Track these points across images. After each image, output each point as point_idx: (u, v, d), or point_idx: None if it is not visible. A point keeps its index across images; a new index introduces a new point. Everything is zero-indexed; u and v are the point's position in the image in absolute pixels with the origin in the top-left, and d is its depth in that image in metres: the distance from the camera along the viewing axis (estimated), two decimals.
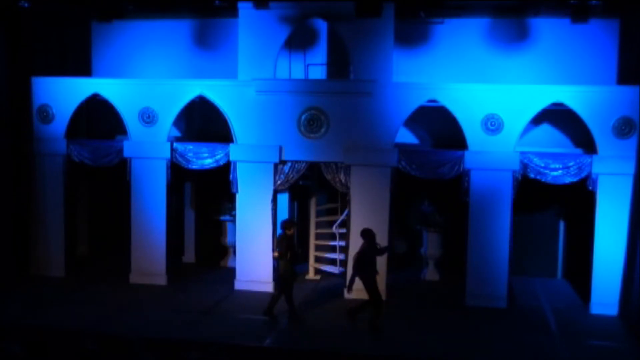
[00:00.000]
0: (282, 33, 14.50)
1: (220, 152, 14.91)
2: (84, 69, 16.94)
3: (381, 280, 14.21)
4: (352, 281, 12.83)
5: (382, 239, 14.20)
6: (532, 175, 13.97)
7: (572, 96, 13.63)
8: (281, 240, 13.08)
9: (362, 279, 12.70)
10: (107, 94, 15.20)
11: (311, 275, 16.04)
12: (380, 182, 14.32)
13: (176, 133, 16.30)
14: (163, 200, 15.18)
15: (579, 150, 14.83)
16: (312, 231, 15.95)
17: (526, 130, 14.35)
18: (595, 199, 13.67)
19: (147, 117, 15.04)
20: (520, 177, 13.92)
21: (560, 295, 15.06)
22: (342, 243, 15.31)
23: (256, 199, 14.72)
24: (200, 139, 15.97)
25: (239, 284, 14.83)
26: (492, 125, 13.87)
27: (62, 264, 15.76)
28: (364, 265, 12.67)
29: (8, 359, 9.72)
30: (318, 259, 16.07)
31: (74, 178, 16.16)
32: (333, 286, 15.20)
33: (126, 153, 15.18)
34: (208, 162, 15.05)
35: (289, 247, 13.03)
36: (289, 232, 13.10)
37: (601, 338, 12.46)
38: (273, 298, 13.25)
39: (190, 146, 15.18)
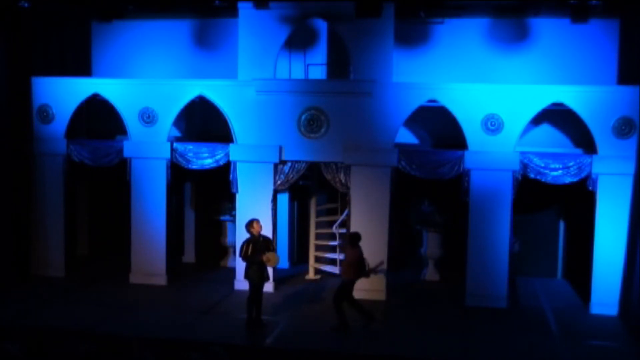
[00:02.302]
0: (282, 33, 14.50)
1: (220, 152, 14.91)
2: (84, 69, 16.93)
3: (381, 280, 14.27)
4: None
5: (382, 239, 14.27)
6: (532, 175, 13.97)
7: (572, 96, 13.63)
8: (243, 244, 12.64)
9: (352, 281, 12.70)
10: (107, 94, 15.20)
11: (311, 275, 16.04)
12: (380, 182, 14.31)
13: (176, 133, 16.29)
14: (163, 200, 15.18)
15: (579, 150, 14.83)
16: (312, 231, 15.95)
17: (526, 130, 14.35)
18: (595, 199, 13.67)
19: (147, 117, 15.04)
20: (520, 177, 13.92)
21: (560, 295, 15.06)
22: (342, 243, 15.30)
23: (256, 199, 14.71)
24: (200, 139, 15.97)
25: (239, 284, 14.81)
26: (492, 125, 13.87)
27: (62, 264, 15.76)
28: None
29: (7, 359, 9.72)
30: (318, 259, 16.07)
31: (74, 178, 16.17)
32: (333, 286, 15.15)
33: (126, 153, 15.18)
34: (208, 162, 15.05)
35: (253, 249, 12.48)
36: (253, 232, 12.58)
37: (601, 338, 12.46)
38: (248, 307, 12.70)
39: (190, 146, 15.19)
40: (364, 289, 14.07)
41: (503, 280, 14.05)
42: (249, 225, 12.67)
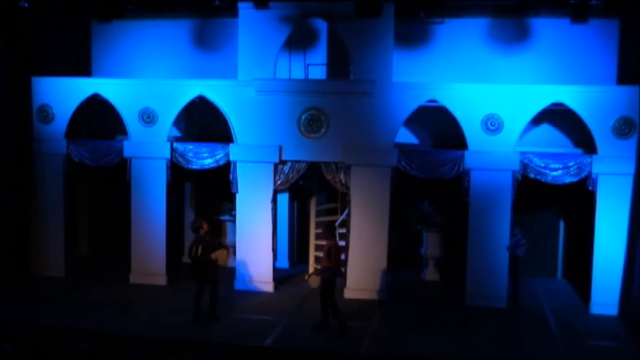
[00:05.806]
0: (282, 33, 14.49)
1: (220, 152, 14.91)
2: (84, 69, 16.93)
3: (380, 280, 14.25)
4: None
5: (382, 239, 14.28)
6: (532, 175, 13.97)
7: (572, 96, 13.63)
8: (191, 245, 12.96)
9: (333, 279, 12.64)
10: (107, 94, 15.20)
11: None
12: (380, 182, 14.31)
13: (176, 133, 16.29)
14: (163, 200, 15.18)
15: (579, 150, 14.82)
16: (312, 231, 15.94)
17: (526, 130, 14.34)
18: (595, 199, 13.66)
19: (147, 117, 15.04)
20: (520, 177, 13.92)
21: (560, 295, 15.06)
22: (342, 243, 15.28)
23: (256, 199, 14.71)
24: (200, 139, 15.98)
25: (239, 284, 14.84)
26: (492, 125, 13.87)
27: (62, 264, 15.76)
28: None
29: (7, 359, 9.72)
30: (318, 259, 16.04)
31: (74, 178, 16.16)
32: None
33: (126, 153, 15.18)
34: (208, 162, 15.05)
35: (203, 249, 12.78)
36: (202, 232, 12.89)
37: (601, 338, 12.45)
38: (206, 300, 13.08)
39: (190, 146, 15.19)
40: (364, 289, 14.08)
41: (503, 280, 14.04)
42: (200, 226, 12.96)
